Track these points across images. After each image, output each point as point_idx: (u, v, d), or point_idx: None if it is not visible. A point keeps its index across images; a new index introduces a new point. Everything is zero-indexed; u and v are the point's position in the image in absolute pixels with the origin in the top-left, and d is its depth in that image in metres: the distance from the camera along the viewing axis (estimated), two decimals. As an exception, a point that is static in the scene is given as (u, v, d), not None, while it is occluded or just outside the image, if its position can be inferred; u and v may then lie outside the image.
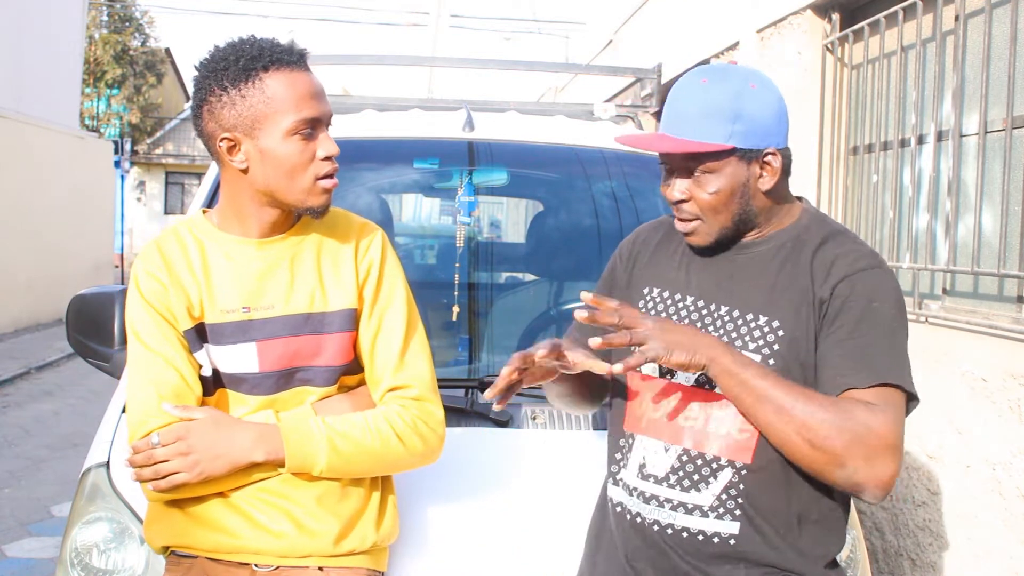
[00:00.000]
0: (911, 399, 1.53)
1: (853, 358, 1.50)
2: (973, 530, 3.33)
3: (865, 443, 1.43)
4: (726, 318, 1.62)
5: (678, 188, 1.61)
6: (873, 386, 1.48)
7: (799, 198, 1.72)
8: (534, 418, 2.31)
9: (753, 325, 1.59)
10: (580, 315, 1.50)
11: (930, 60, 3.97)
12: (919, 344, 3.62)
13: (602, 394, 1.90)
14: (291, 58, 1.68)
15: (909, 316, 4.07)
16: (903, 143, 4.16)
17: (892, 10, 4.07)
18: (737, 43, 5.91)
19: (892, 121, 4.27)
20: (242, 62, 1.65)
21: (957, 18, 3.68)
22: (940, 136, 3.88)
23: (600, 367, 1.59)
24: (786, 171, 1.64)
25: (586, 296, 1.53)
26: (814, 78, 4.91)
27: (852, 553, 2.12)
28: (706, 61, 6.43)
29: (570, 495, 2.07)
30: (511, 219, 7.15)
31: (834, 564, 1.64)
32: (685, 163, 1.59)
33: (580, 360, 1.63)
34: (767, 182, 1.60)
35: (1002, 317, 3.47)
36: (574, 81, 12.30)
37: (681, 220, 1.65)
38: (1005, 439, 3.16)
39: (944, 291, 3.88)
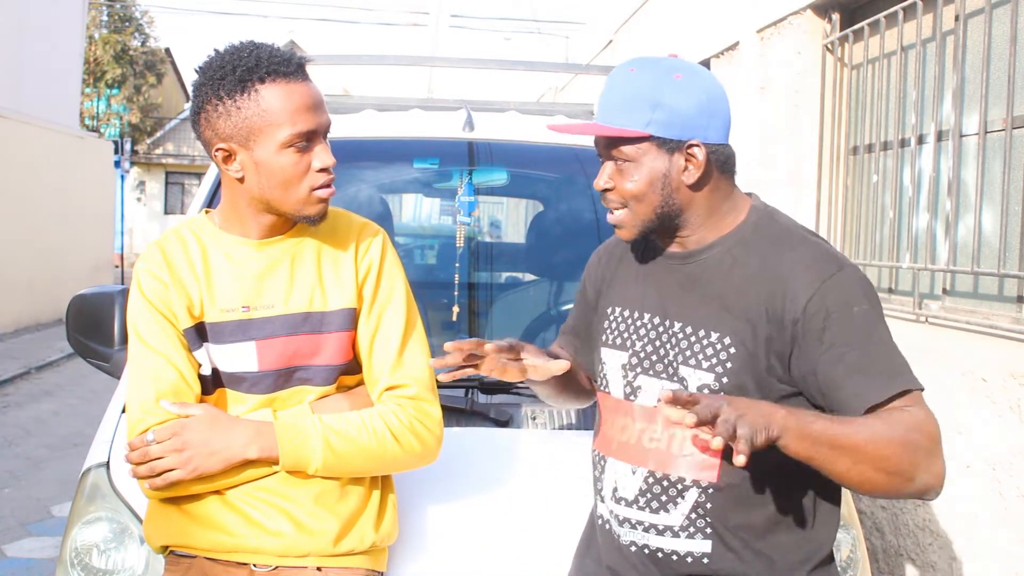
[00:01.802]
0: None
1: (862, 373, 1.46)
2: (973, 530, 3.33)
3: (925, 449, 1.41)
4: (679, 335, 1.59)
5: (603, 177, 1.61)
6: (893, 397, 1.45)
7: (749, 194, 1.68)
8: (534, 418, 2.31)
9: (705, 342, 1.56)
10: (689, 422, 1.34)
11: (930, 60, 3.97)
12: (919, 344, 3.64)
13: (588, 392, 1.92)
14: (288, 69, 1.67)
15: (909, 316, 4.08)
16: (903, 143, 4.15)
17: (892, 10, 4.07)
18: (737, 43, 5.91)
19: (892, 121, 4.27)
20: (239, 72, 1.64)
21: (957, 18, 3.68)
22: (940, 136, 3.88)
23: (557, 366, 1.64)
24: (725, 168, 1.60)
25: (673, 409, 1.36)
26: (814, 78, 4.91)
27: (852, 553, 2.12)
28: (706, 62, 6.43)
29: (569, 495, 2.07)
30: (511, 219, 7.15)
31: (827, 561, 1.62)
32: (608, 151, 1.59)
33: (535, 362, 1.66)
34: (691, 175, 1.57)
35: (1002, 317, 3.47)
36: (574, 81, 12.30)
37: (609, 212, 1.64)
38: (1005, 439, 3.16)
39: (944, 291, 3.88)
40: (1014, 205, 3.35)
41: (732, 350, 1.53)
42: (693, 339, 1.58)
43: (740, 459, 1.30)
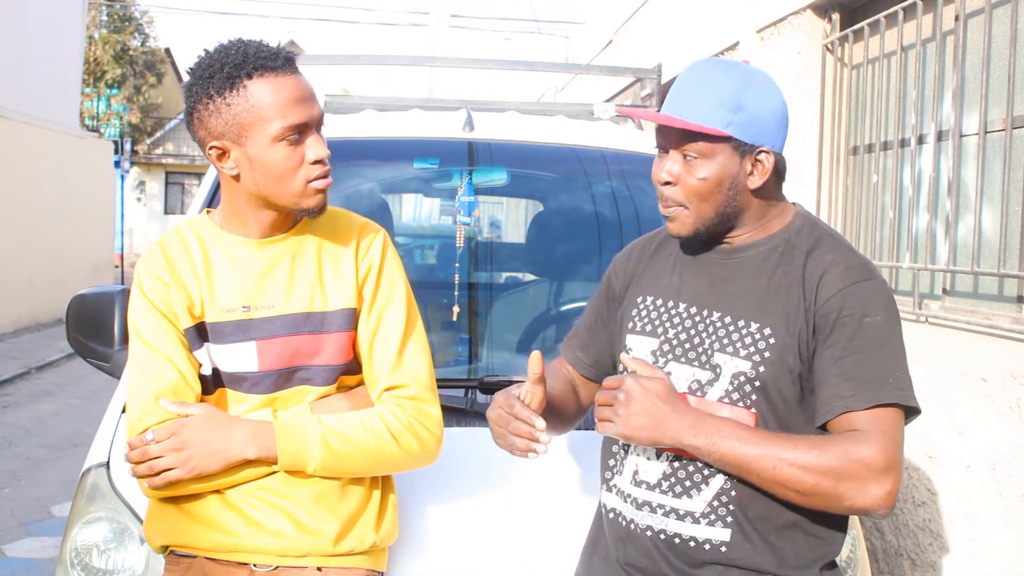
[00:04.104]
0: (912, 411, 1.53)
1: (849, 378, 1.50)
2: (973, 530, 3.33)
3: (855, 477, 1.46)
4: (718, 324, 1.62)
5: (667, 169, 1.62)
6: (870, 408, 1.49)
7: (793, 203, 1.73)
8: (534, 418, 2.31)
9: (744, 332, 1.59)
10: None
11: (930, 60, 3.97)
12: (919, 344, 3.64)
13: (571, 421, 1.92)
14: (276, 63, 1.66)
15: (909, 316, 4.08)
16: (903, 143, 4.15)
17: (892, 10, 4.07)
18: (737, 43, 5.91)
19: (892, 121, 4.27)
20: (226, 69, 1.64)
21: (957, 18, 3.68)
22: (940, 136, 3.88)
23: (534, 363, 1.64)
24: (779, 176, 1.65)
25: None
26: (814, 78, 4.91)
27: (852, 553, 2.12)
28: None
29: (569, 496, 2.07)
30: (511, 219, 7.15)
31: (832, 566, 1.64)
32: (680, 143, 1.60)
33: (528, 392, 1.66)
34: (756, 180, 1.61)
35: (1002, 317, 3.47)
36: (574, 81, 12.30)
37: (664, 207, 1.66)
38: (1005, 439, 3.16)
39: (944, 291, 3.88)
40: (1014, 205, 3.35)
41: (772, 340, 1.57)
42: (732, 328, 1.60)
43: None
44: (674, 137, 1.61)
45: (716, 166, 1.58)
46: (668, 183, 1.62)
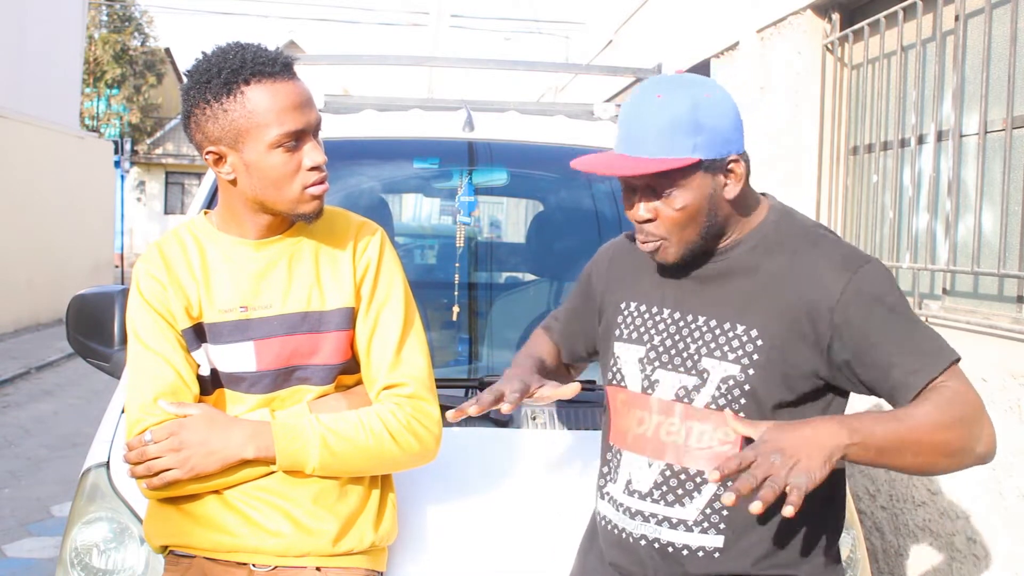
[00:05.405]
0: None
1: (911, 352, 1.52)
2: (973, 530, 3.33)
3: (975, 420, 1.49)
4: (703, 328, 1.61)
5: (644, 208, 1.57)
6: (944, 371, 1.51)
7: (764, 194, 1.71)
8: (534, 418, 2.31)
9: (731, 335, 1.57)
10: (727, 500, 1.35)
11: (930, 60, 3.97)
12: (919, 344, 3.63)
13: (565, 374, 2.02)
14: (273, 69, 1.66)
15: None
16: (903, 143, 4.15)
17: (892, 10, 4.07)
18: (737, 43, 5.91)
19: (892, 121, 4.27)
20: (224, 75, 1.64)
21: (957, 18, 3.68)
22: (940, 136, 3.88)
23: (570, 389, 1.76)
24: (749, 174, 1.63)
25: (722, 471, 1.38)
26: (814, 78, 4.91)
27: (852, 553, 2.12)
28: (706, 62, 6.43)
29: (570, 495, 2.07)
30: (511, 219, 7.16)
31: (827, 562, 1.63)
32: (651, 182, 1.55)
33: (549, 394, 1.76)
34: (732, 189, 1.58)
35: (1002, 317, 3.47)
36: (574, 81, 12.30)
37: (643, 242, 1.62)
38: (1005, 439, 3.16)
39: (944, 291, 3.88)
40: (1014, 205, 3.35)
41: (759, 342, 1.55)
42: (718, 331, 1.59)
43: (756, 506, 1.33)
44: (644, 178, 1.55)
45: (693, 192, 1.54)
46: (648, 220, 1.58)
